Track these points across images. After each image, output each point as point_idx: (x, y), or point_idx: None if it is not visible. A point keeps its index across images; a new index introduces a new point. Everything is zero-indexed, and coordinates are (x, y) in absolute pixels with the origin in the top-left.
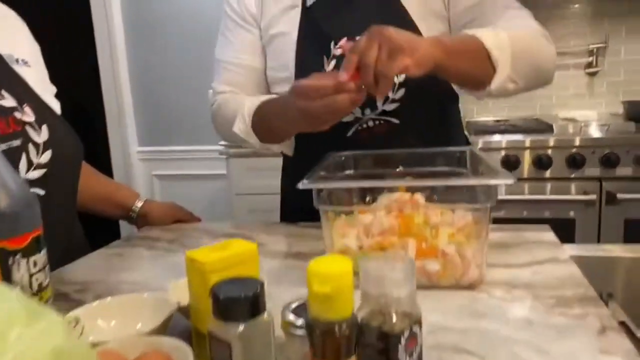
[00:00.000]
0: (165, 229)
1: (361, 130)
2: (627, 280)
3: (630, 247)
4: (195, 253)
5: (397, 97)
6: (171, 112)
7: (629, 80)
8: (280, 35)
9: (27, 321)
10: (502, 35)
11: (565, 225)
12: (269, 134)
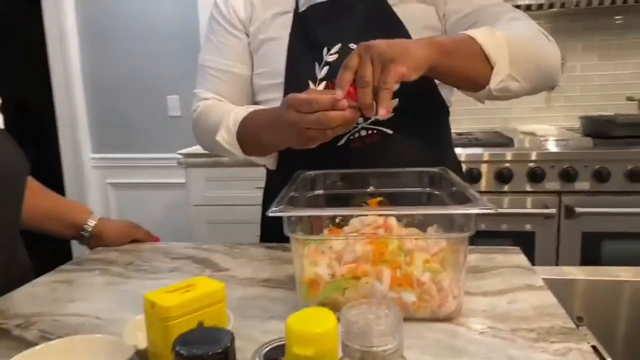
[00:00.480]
0: (120, 249)
1: (353, 139)
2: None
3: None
4: (155, 295)
5: None
6: (127, 119)
7: (585, 96)
8: (270, 40)
9: None
10: (498, 34)
11: (525, 239)
12: (255, 146)
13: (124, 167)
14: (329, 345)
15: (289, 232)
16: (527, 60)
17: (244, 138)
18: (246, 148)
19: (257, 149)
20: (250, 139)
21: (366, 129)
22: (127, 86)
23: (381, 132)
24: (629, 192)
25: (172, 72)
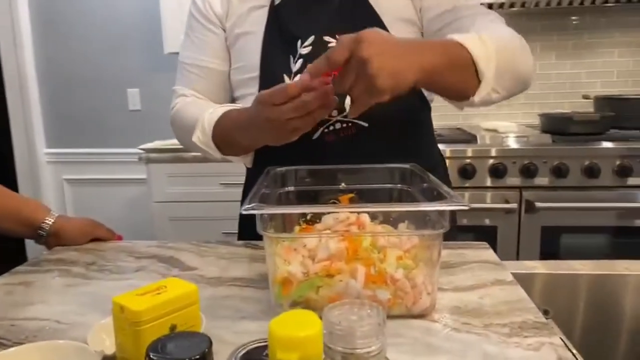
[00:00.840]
0: (81, 249)
1: (328, 132)
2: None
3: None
4: (124, 298)
5: None
6: (85, 112)
7: (543, 93)
8: (246, 34)
9: None
10: (490, 45)
11: (487, 233)
12: (231, 147)
13: (81, 162)
14: (314, 350)
15: (261, 229)
16: (510, 72)
17: (220, 139)
18: (223, 148)
19: (234, 149)
20: (225, 139)
21: (341, 122)
22: (85, 79)
23: (356, 125)
24: (586, 187)
25: (132, 65)
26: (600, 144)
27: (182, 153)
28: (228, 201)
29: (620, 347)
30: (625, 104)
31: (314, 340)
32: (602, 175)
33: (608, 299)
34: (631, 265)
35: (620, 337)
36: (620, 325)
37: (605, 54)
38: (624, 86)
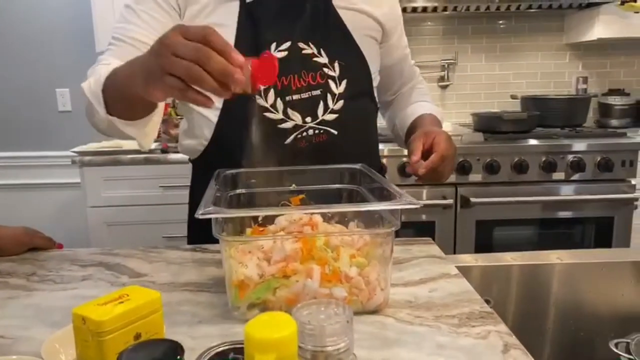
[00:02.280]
0: (17, 259)
1: (300, 138)
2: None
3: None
4: (85, 309)
5: (336, 107)
6: (11, 114)
7: (474, 93)
8: (215, 26)
9: None
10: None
11: (425, 228)
12: (117, 96)
13: (7, 166)
14: (290, 350)
15: (217, 233)
16: None
17: (108, 88)
18: (110, 101)
19: (119, 101)
20: (113, 85)
21: (313, 129)
22: (10, 78)
23: (327, 132)
24: (516, 182)
25: (61, 64)
26: (527, 142)
27: (118, 155)
28: (168, 204)
29: (549, 329)
30: (548, 103)
31: (289, 341)
32: (530, 170)
33: (538, 287)
34: (556, 255)
35: (548, 321)
36: (548, 310)
37: (529, 56)
38: (547, 86)
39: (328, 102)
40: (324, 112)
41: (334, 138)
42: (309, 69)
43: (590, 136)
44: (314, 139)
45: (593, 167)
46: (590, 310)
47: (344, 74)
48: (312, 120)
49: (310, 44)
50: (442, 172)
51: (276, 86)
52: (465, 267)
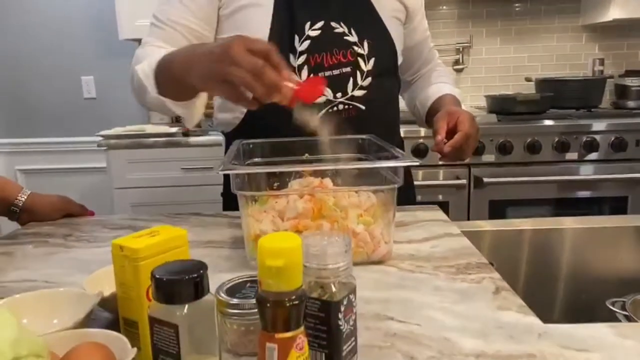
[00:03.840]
0: (55, 224)
1: (331, 113)
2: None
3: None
4: (123, 240)
5: (364, 84)
6: (38, 101)
7: (489, 77)
8: (252, 6)
9: None
10: None
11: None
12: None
13: (35, 152)
14: (296, 258)
15: (235, 189)
16: None
17: (162, 72)
18: (161, 83)
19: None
20: (164, 70)
21: (343, 104)
22: (38, 66)
23: (356, 108)
24: (529, 162)
25: (86, 52)
26: (541, 122)
27: (142, 139)
28: (189, 186)
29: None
30: (563, 85)
31: (295, 250)
32: (543, 151)
33: (548, 251)
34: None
35: (558, 284)
36: (558, 274)
37: (545, 39)
38: (562, 69)
39: (357, 79)
40: (353, 88)
41: (361, 113)
42: (340, 47)
43: (604, 116)
44: (344, 113)
45: (607, 147)
46: (593, 273)
47: (372, 52)
48: (343, 96)
49: (341, 24)
50: (465, 150)
51: (310, 62)
52: (474, 232)
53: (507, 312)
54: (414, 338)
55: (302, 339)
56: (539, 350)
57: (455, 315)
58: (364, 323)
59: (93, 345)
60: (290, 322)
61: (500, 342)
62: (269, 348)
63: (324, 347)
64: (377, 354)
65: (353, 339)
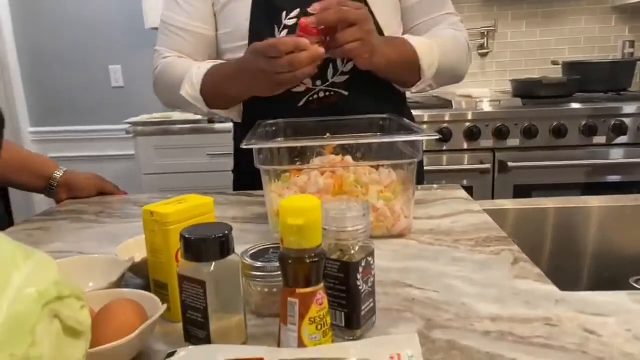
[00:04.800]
0: (88, 202)
1: (312, 100)
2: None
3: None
4: (153, 207)
5: (346, 69)
6: (68, 90)
7: (514, 61)
8: (234, 1)
9: (25, 256)
10: (436, 53)
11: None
12: (218, 99)
13: (66, 140)
14: (315, 218)
15: (259, 164)
16: (447, 74)
17: (208, 91)
18: (210, 101)
19: (221, 102)
20: (213, 91)
21: (324, 91)
22: (67, 56)
23: (338, 94)
24: (555, 147)
25: (114, 42)
26: (567, 106)
27: (169, 126)
28: (215, 171)
29: (583, 272)
30: (591, 68)
31: (314, 210)
32: (570, 135)
33: (572, 230)
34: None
35: (585, 263)
36: (585, 252)
37: (572, 21)
38: (591, 52)
39: (338, 65)
40: (333, 74)
41: (344, 99)
42: None
43: (633, 99)
44: (324, 100)
45: (635, 131)
46: (617, 251)
47: None
48: (323, 83)
49: None
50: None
51: None
52: (499, 211)
53: (525, 281)
54: (431, 303)
55: (322, 295)
56: (555, 314)
57: (472, 283)
58: (383, 289)
59: (126, 301)
60: (310, 278)
61: (516, 307)
62: (290, 303)
63: (344, 307)
64: (396, 317)
65: (371, 300)
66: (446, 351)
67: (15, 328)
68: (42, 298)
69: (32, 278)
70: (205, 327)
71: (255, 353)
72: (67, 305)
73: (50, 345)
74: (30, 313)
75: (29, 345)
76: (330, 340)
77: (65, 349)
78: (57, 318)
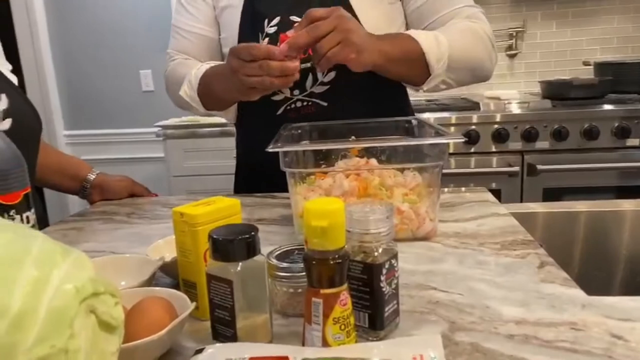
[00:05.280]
0: (120, 203)
1: (289, 109)
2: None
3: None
4: (182, 208)
5: (326, 80)
6: (100, 94)
7: (544, 62)
8: (228, 7)
9: (64, 254)
10: (443, 44)
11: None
12: (211, 99)
13: (99, 143)
14: (339, 219)
15: (284, 167)
16: (464, 68)
17: (202, 92)
18: (205, 102)
19: (214, 102)
20: (206, 92)
21: (301, 101)
22: (99, 61)
23: (316, 104)
24: (586, 149)
25: (144, 46)
26: (599, 107)
27: (197, 129)
28: None
29: (615, 277)
30: (624, 69)
31: (338, 212)
32: (601, 137)
33: (605, 234)
34: (625, 204)
35: (617, 268)
36: (617, 257)
37: (605, 21)
38: (624, 52)
39: (318, 75)
40: (312, 84)
41: (322, 109)
42: None
43: None
44: (302, 110)
45: None
46: None
47: None
48: (300, 93)
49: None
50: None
51: None
52: (527, 214)
53: (551, 285)
54: (455, 306)
55: (345, 296)
56: (581, 319)
57: (497, 286)
58: (407, 292)
59: (157, 299)
60: (334, 279)
61: (541, 310)
62: (314, 303)
63: (367, 308)
64: (419, 318)
65: (395, 301)
66: (469, 353)
67: (55, 322)
68: (80, 294)
69: (70, 275)
70: (232, 325)
71: (280, 351)
72: (102, 301)
73: (87, 338)
74: (69, 308)
75: (67, 337)
76: (353, 340)
77: (101, 342)
78: (93, 313)
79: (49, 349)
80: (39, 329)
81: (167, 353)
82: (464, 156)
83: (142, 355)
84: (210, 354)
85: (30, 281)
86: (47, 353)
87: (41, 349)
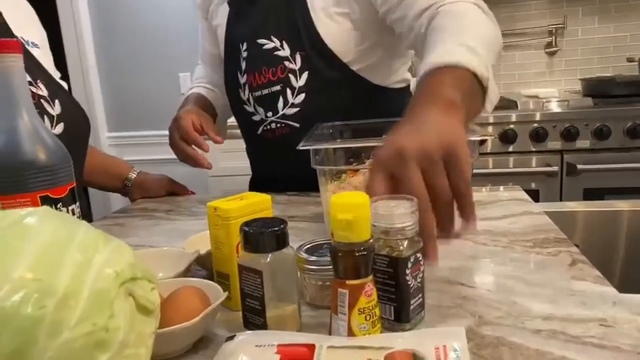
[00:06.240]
0: (159, 200)
1: (266, 130)
2: (591, 232)
3: (591, 202)
4: (216, 203)
5: (296, 102)
6: (141, 97)
7: (585, 59)
8: (218, 27)
9: (105, 241)
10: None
11: (529, 196)
12: None
13: (140, 144)
14: (364, 213)
15: (315, 165)
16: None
17: None
18: None
19: None
20: None
21: (275, 122)
22: (140, 65)
23: (289, 126)
24: (629, 148)
25: (183, 50)
26: None
27: (233, 130)
28: None
29: None
30: None
31: (363, 206)
32: None
33: None
34: None
35: None
36: None
37: None
38: None
39: (287, 97)
40: (284, 106)
41: (296, 131)
42: (269, 64)
43: None
44: (277, 131)
45: None
46: None
47: (305, 65)
48: (273, 115)
49: (272, 37)
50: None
51: (248, 82)
52: (566, 213)
53: (582, 282)
54: (482, 301)
55: (370, 287)
56: (611, 316)
57: (527, 282)
58: (434, 286)
59: (192, 289)
60: (359, 270)
61: (570, 307)
62: (340, 293)
63: (393, 301)
64: (445, 313)
65: (420, 295)
66: (494, 346)
67: (96, 302)
68: (119, 278)
69: (111, 260)
70: (262, 314)
71: (307, 339)
72: (140, 286)
73: (125, 319)
74: (109, 290)
75: (108, 317)
76: (379, 331)
77: (138, 324)
78: (131, 296)
79: (91, 327)
80: (83, 308)
81: (200, 339)
82: (502, 156)
83: (177, 340)
84: (241, 341)
85: (75, 264)
86: (90, 330)
87: (84, 326)
